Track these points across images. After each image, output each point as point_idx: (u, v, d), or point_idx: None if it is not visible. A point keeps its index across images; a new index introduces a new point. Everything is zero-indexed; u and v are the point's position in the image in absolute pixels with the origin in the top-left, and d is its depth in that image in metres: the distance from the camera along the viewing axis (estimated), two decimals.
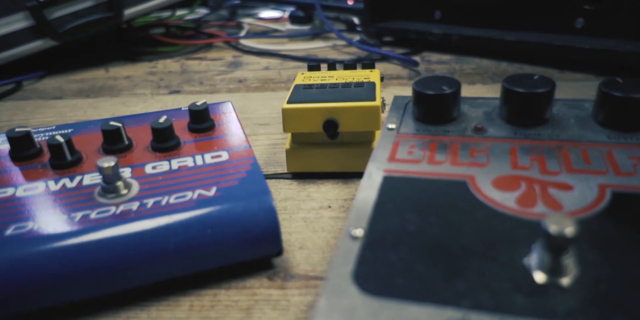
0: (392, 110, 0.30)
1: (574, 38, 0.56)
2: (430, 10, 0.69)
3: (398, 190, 0.23)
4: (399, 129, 0.28)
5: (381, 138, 0.27)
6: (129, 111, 0.52)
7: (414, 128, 0.28)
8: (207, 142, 0.31)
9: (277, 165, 0.38)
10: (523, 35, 0.59)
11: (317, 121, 0.34)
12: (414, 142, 0.27)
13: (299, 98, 0.34)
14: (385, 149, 0.26)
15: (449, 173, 0.24)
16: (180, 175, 0.28)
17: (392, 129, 0.28)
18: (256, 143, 0.42)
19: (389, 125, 0.28)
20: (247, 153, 0.29)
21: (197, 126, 0.32)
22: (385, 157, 0.26)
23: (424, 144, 0.27)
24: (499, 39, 0.60)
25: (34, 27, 0.64)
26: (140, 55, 0.75)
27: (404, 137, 0.27)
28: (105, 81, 0.64)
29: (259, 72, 0.64)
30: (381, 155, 0.26)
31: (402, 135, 0.27)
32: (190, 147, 0.30)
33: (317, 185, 0.35)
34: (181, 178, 0.27)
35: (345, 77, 0.38)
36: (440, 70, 0.59)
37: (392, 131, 0.28)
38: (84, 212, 0.25)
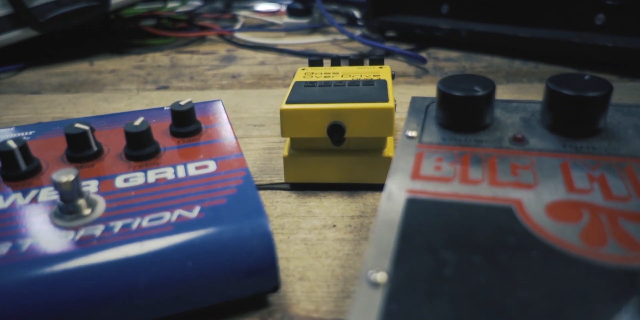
0: (410, 114, 0.25)
1: (594, 35, 0.52)
2: (437, 3, 0.64)
3: (427, 218, 0.18)
4: (421, 137, 0.23)
5: (400, 149, 0.22)
6: (111, 108, 0.47)
7: (439, 136, 0.23)
8: (191, 148, 0.26)
9: (273, 173, 0.33)
10: (538, 32, 0.54)
11: (320, 125, 0.29)
12: (441, 154, 0.22)
13: (299, 97, 0.29)
14: (406, 163, 0.21)
15: (488, 196, 0.19)
16: (157, 191, 0.22)
17: (413, 137, 0.23)
18: (249, 147, 0.37)
19: (409, 133, 0.23)
20: (238, 163, 0.24)
21: (180, 130, 0.27)
22: (408, 173, 0.21)
23: (453, 156, 0.21)
24: (511, 35, 0.55)
25: (12, 15, 0.59)
26: (128, 48, 0.70)
27: (427, 148, 0.22)
28: (88, 75, 0.58)
29: (254, 67, 0.58)
30: (402, 170, 0.21)
31: (426, 146, 0.22)
32: (172, 154, 0.25)
33: (319, 198, 0.30)
34: (158, 194, 0.22)
35: (352, 74, 0.33)
36: (449, 68, 0.54)
37: (412, 140, 0.23)
38: (34, 239, 0.20)
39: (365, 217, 0.28)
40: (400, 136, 0.23)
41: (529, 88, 0.47)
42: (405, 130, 0.24)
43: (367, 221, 0.27)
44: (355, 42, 0.66)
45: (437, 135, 0.23)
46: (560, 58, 0.55)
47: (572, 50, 0.51)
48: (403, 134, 0.23)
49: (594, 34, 0.52)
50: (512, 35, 0.55)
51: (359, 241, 0.26)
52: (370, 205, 0.29)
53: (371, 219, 0.28)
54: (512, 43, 0.55)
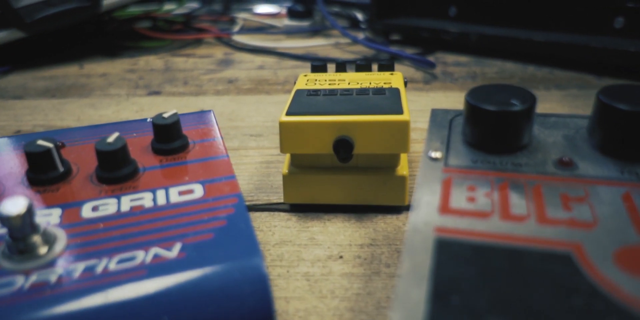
0: (432, 130, 0.21)
1: (614, 40, 0.48)
2: (445, 6, 0.60)
3: (464, 268, 0.14)
4: (447, 159, 0.19)
5: (423, 173, 0.18)
6: (97, 115, 0.43)
7: (468, 158, 0.19)
8: (175, 169, 0.22)
9: (272, 191, 0.29)
10: (553, 36, 0.50)
11: (325, 140, 0.25)
12: (474, 181, 0.18)
13: (301, 108, 0.25)
14: (432, 192, 0.17)
15: (539, 238, 0.15)
16: (130, 223, 0.18)
17: (437, 159, 0.19)
18: (245, 160, 0.33)
19: (432, 154, 0.19)
20: (229, 187, 0.20)
21: (163, 146, 0.22)
22: (434, 205, 0.17)
23: (488, 184, 0.17)
24: (525, 39, 0.51)
25: None
26: (121, 51, 0.66)
27: (456, 173, 0.18)
28: (76, 79, 0.54)
29: (252, 71, 0.54)
30: (428, 202, 0.17)
31: (454, 170, 0.18)
32: (152, 176, 0.21)
33: (323, 222, 0.26)
34: (132, 227, 0.18)
35: (360, 81, 0.29)
36: (459, 74, 0.50)
37: (437, 163, 0.19)
38: None
39: (377, 246, 0.24)
40: (422, 157, 0.19)
41: (546, 95, 0.43)
42: (427, 150, 0.20)
43: (378, 251, 0.23)
44: (359, 46, 0.62)
45: (467, 157, 0.19)
46: (576, 63, 0.51)
47: (591, 55, 0.47)
48: (425, 155, 0.19)
49: (613, 38, 0.48)
50: (526, 39, 0.51)
51: (370, 277, 0.22)
52: (382, 231, 0.25)
53: (383, 249, 0.24)
54: (525, 47, 0.51)
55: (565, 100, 0.42)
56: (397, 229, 0.25)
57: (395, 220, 0.26)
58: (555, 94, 0.44)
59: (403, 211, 0.27)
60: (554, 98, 0.43)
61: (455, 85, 0.47)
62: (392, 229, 0.25)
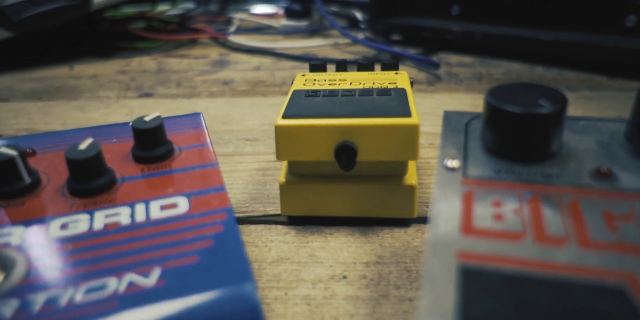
0: (446, 135, 0.19)
1: (625, 39, 0.45)
2: (447, 4, 0.57)
3: (496, 304, 0.11)
4: (466, 168, 0.17)
5: (440, 186, 0.16)
6: (85, 119, 0.40)
7: (490, 168, 0.17)
8: (158, 179, 0.19)
9: (268, 202, 0.27)
10: (562, 35, 0.48)
11: (326, 145, 0.22)
12: (499, 195, 0.15)
13: (299, 110, 0.23)
14: (450, 208, 0.15)
15: (583, 266, 0.12)
16: (103, 243, 0.16)
17: (454, 168, 0.17)
18: (239, 167, 0.31)
19: (449, 162, 0.17)
20: (218, 201, 0.18)
21: (144, 153, 0.20)
22: (455, 224, 0.14)
23: (516, 198, 0.15)
24: (532, 38, 0.49)
25: None
26: (113, 52, 0.63)
27: (477, 185, 0.16)
28: (65, 80, 0.52)
29: (248, 72, 0.52)
30: (447, 220, 0.14)
31: (475, 181, 0.16)
32: (132, 187, 0.19)
33: (324, 237, 0.23)
34: (104, 249, 0.16)
35: (363, 81, 0.27)
36: (463, 75, 0.48)
37: (454, 173, 0.16)
38: None
39: (384, 264, 0.21)
40: (437, 167, 0.17)
41: None
42: (442, 158, 0.17)
43: (386, 270, 0.21)
44: (358, 46, 0.60)
45: (488, 166, 0.17)
46: (586, 63, 0.48)
47: (602, 55, 0.45)
48: (440, 164, 0.17)
49: (625, 37, 0.46)
50: (533, 38, 0.48)
51: (378, 300, 0.19)
52: (389, 247, 0.22)
53: (391, 267, 0.21)
54: (533, 47, 0.49)
55: (577, 102, 0.40)
56: (406, 244, 0.23)
57: (403, 235, 0.23)
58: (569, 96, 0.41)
59: (412, 224, 0.24)
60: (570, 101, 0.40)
61: (460, 86, 0.45)
62: (400, 245, 0.23)
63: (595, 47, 0.45)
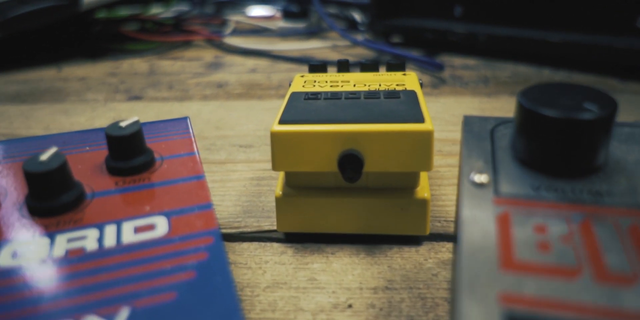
0: (469, 143, 0.16)
1: (637, 40, 0.43)
2: (449, 5, 0.55)
3: None
4: (498, 184, 0.14)
5: (469, 206, 0.13)
6: (69, 123, 0.37)
7: (527, 184, 0.14)
8: (134, 195, 0.16)
9: (263, 215, 0.24)
10: (571, 36, 0.45)
11: (328, 155, 0.19)
12: (541, 217, 0.12)
13: (298, 115, 0.20)
14: (483, 235, 0.12)
15: None
16: (62, 276, 0.13)
17: (484, 184, 0.14)
18: (232, 176, 0.28)
19: (476, 177, 0.14)
20: (204, 221, 0.15)
21: (120, 164, 0.17)
22: (492, 256, 0.11)
23: (563, 222, 0.12)
24: (539, 40, 0.46)
25: None
26: (104, 53, 0.60)
27: (514, 205, 0.13)
28: (52, 83, 0.49)
29: (244, 75, 0.49)
30: (480, 250, 0.11)
31: (510, 200, 0.13)
32: (103, 205, 0.16)
33: (326, 257, 0.21)
34: (61, 283, 0.13)
35: (368, 83, 0.24)
36: (468, 78, 0.45)
37: (484, 190, 0.14)
38: None
39: (394, 291, 0.18)
40: (461, 181, 0.14)
41: None
42: (467, 171, 0.14)
43: (397, 297, 0.18)
44: (358, 48, 0.57)
45: (524, 182, 0.14)
46: (596, 65, 0.46)
47: (613, 57, 0.42)
48: (466, 179, 0.14)
49: (636, 38, 0.43)
50: (541, 40, 0.46)
51: None
52: (399, 270, 0.20)
53: (403, 294, 0.18)
54: (540, 49, 0.46)
55: None
56: (418, 266, 0.20)
57: (414, 254, 0.20)
58: None
59: (423, 242, 0.21)
60: None
61: (465, 90, 0.42)
62: (411, 266, 0.20)
63: (605, 48, 0.42)
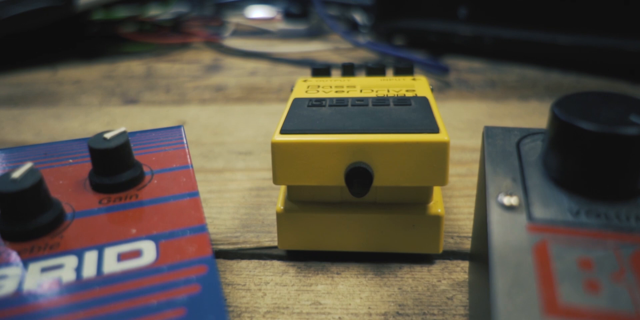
0: (492, 158, 0.14)
1: None
2: (453, 6, 0.53)
3: None
4: (531, 208, 0.12)
5: (498, 233, 0.11)
6: (61, 128, 0.36)
7: (565, 208, 0.12)
8: (120, 215, 0.14)
9: (262, 230, 0.22)
10: (580, 39, 0.43)
11: (334, 168, 0.17)
12: (584, 249, 0.11)
13: (301, 124, 0.18)
14: (518, 269, 0.10)
15: None
16: (31, 314, 0.11)
17: (514, 207, 0.12)
18: (230, 186, 0.26)
19: (505, 199, 0.12)
20: (196, 247, 0.13)
21: (103, 180, 0.15)
22: (532, 298, 0.09)
23: (611, 256, 0.10)
24: (548, 42, 0.44)
25: None
26: (101, 55, 0.58)
27: (552, 233, 0.11)
28: (46, 86, 0.47)
29: (243, 78, 0.47)
30: (517, 291, 0.10)
31: (547, 228, 0.11)
32: (84, 227, 0.14)
33: (331, 277, 0.19)
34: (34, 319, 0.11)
35: (376, 88, 0.22)
36: (475, 81, 0.43)
37: (515, 214, 0.12)
38: None
39: (407, 317, 0.17)
40: (489, 203, 0.12)
41: None
42: (494, 191, 0.13)
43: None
44: (360, 51, 0.55)
45: (561, 205, 0.12)
46: (605, 68, 0.44)
47: (624, 60, 0.41)
48: (493, 201, 0.12)
49: None
50: (549, 42, 0.44)
51: None
52: (411, 292, 0.18)
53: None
54: (549, 52, 0.44)
55: None
56: (432, 288, 0.18)
57: (427, 275, 0.19)
58: None
59: (436, 260, 0.19)
60: None
61: (472, 94, 0.40)
62: (424, 289, 0.18)
63: (615, 51, 0.41)
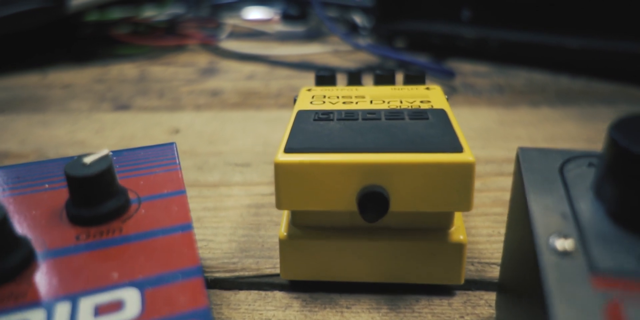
0: (534, 189, 0.12)
1: None
2: (456, 8, 0.51)
3: None
4: (591, 253, 0.10)
5: (554, 289, 0.09)
6: (48, 136, 0.33)
7: (633, 254, 0.10)
8: (99, 254, 0.12)
9: (262, 255, 0.20)
10: (590, 42, 0.41)
11: (345, 192, 0.15)
12: None
13: (307, 141, 0.16)
14: None
15: None
16: None
17: (569, 253, 0.10)
18: (227, 203, 0.24)
19: (557, 243, 0.10)
20: (189, 295, 0.11)
21: (82, 212, 0.13)
22: None
23: None
24: (556, 45, 0.42)
25: None
26: (93, 58, 0.56)
27: (623, 289, 0.09)
28: (35, 90, 0.44)
29: (240, 82, 0.45)
30: None
31: (616, 282, 0.09)
32: (57, 270, 0.12)
33: (340, 312, 0.17)
34: None
35: (387, 99, 0.20)
36: (481, 86, 0.41)
37: (571, 261, 0.10)
38: None
39: None
40: (538, 248, 0.10)
41: (594, 114, 0.34)
42: (543, 232, 0.10)
43: None
44: (361, 53, 0.53)
45: (628, 251, 0.10)
46: (616, 73, 0.42)
47: (636, 64, 0.39)
48: (544, 245, 0.10)
49: None
50: (557, 45, 0.42)
51: None
52: None
53: None
54: (557, 55, 0.42)
55: None
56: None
57: (447, 309, 0.17)
58: (603, 111, 0.35)
59: (457, 292, 0.17)
60: (605, 116, 0.34)
61: (480, 99, 0.38)
62: None
63: (627, 55, 0.39)
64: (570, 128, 0.32)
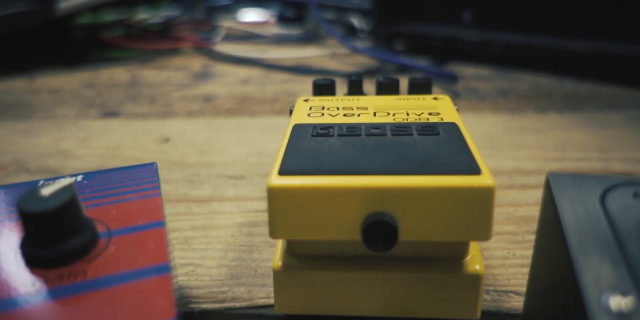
0: (573, 227, 0.10)
1: None
2: (457, 9, 0.49)
3: None
4: None
5: None
6: (31, 145, 0.31)
7: None
8: (58, 305, 0.10)
9: (255, 282, 0.18)
10: (596, 44, 0.39)
11: (347, 219, 0.13)
12: None
13: (304, 161, 0.14)
14: None
15: None
16: None
17: (627, 314, 0.08)
18: (217, 221, 0.22)
19: (612, 301, 0.08)
20: None
21: (39, 252, 0.11)
22: None
23: None
24: (560, 48, 0.40)
25: None
26: (83, 62, 0.54)
27: None
28: (21, 95, 0.42)
29: (235, 87, 0.43)
30: None
31: None
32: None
33: None
34: None
35: (392, 110, 0.18)
36: (484, 90, 0.39)
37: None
38: None
39: None
40: (588, 305, 0.08)
41: (604, 120, 0.32)
42: (592, 287, 0.08)
43: None
44: (359, 57, 0.51)
45: None
46: (623, 76, 0.40)
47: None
48: (595, 302, 0.08)
49: None
50: (562, 48, 0.40)
51: None
52: None
53: None
54: (562, 58, 0.40)
55: (632, 125, 0.31)
56: None
57: None
58: (613, 117, 0.33)
59: None
60: (615, 122, 0.32)
61: (483, 104, 0.36)
62: None
63: (635, 58, 0.37)
64: (580, 135, 0.30)
